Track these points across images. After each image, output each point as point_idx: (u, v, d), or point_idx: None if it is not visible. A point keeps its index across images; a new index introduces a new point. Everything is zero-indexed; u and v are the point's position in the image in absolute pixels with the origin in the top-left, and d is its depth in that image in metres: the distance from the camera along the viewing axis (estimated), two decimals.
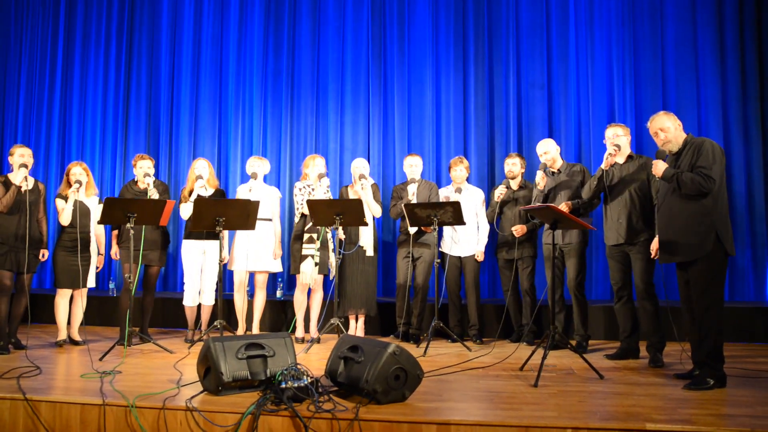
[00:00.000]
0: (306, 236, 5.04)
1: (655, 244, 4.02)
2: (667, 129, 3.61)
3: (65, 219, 4.71)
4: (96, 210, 4.87)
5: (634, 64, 6.20)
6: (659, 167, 3.58)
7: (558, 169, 4.78)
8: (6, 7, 7.44)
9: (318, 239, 4.98)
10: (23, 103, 7.37)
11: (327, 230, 5.09)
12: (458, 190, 5.15)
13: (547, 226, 4.67)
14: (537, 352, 3.93)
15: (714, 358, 3.41)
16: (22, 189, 4.48)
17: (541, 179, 4.69)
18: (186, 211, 4.99)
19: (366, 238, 5.11)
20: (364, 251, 5.11)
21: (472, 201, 5.21)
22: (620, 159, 4.31)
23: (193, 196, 4.96)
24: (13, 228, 4.49)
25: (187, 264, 5.07)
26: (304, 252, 5.02)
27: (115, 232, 5.07)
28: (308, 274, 5.00)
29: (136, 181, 5.03)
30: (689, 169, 3.48)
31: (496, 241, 5.26)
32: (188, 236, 5.07)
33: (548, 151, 4.76)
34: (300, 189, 5.15)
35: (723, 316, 3.46)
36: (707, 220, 3.42)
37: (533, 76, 6.42)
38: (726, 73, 6.04)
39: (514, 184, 5.12)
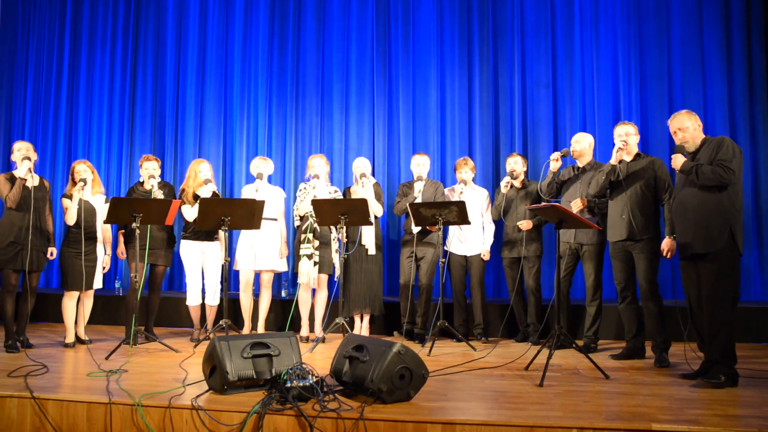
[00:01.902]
0: (303, 236, 5.06)
1: (666, 244, 4.00)
2: (686, 129, 3.64)
3: (71, 218, 4.71)
4: (102, 209, 4.89)
5: (640, 63, 6.17)
6: (678, 160, 3.62)
7: (583, 167, 4.75)
8: (13, 7, 7.48)
9: (308, 232, 4.96)
10: (30, 103, 7.40)
11: (331, 229, 5.11)
12: (463, 182, 5.13)
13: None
14: (542, 352, 3.93)
15: (726, 357, 3.40)
16: (28, 184, 4.48)
17: (554, 159, 4.69)
18: (191, 213, 4.99)
19: (368, 236, 5.11)
20: (367, 250, 5.11)
21: (477, 200, 5.21)
22: (628, 157, 4.30)
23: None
24: (24, 225, 4.49)
25: (186, 264, 5.09)
26: (300, 252, 5.04)
27: (122, 231, 5.08)
28: (305, 273, 5.01)
29: (142, 183, 5.05)
30: (708, 163, 3.50)
31: (501, 240, 5.26)
32: (185, 237, 5.09)
33: (579, 141, 4.74)
34: (300, 190, 5.18)
35: (735, 314, 3.46)
36: (723, 215, 3.43)
37: (538, 75, 6.40)
38: (732, 71, 6.01)
39: (517, 183, 5.11)
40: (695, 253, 3.53)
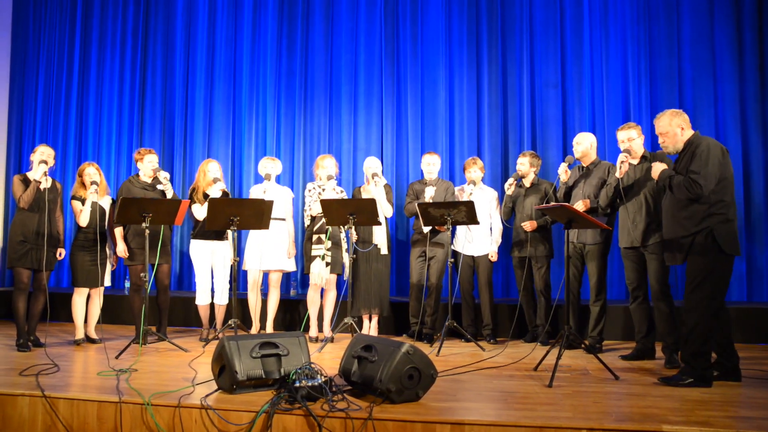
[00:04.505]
0: (314, 237, 5.06)
1: None
2: (665, 134, 3.59)
3: (84, 220, 4.76)
4: (109, 210, 4.94)
5: (650, 62, 6.13)
6: (656, 169, 3.62)
7: (587, 166, 4.73)
8: (24, 10, 7.54)
9: (326, 238, 4.99)
10: (41, 104, 7.46)
11: (341, 229, 5.11)
12: (472, 182, 5.12)
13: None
14: (551, 353, 3.91)
15: (697, 358, 3.38)
16: (41, 187, 4.53)
17: (563, 172, 4.68)
18: (201, 212, 5.01)
19: (380, 236, 5.12)
20: (378, 249, 5.12)
21: (486, 200, 5.19)
22: (634, 161, 4.27)
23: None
24: (34, 226, 4.55)
25: (196, 263, 5.11)
26: (313, 253, 5.05)
27: (120, 229, 4.94)
28: (317, 274, 5.02)
29: (138, 175, 5.05)
30: (685, 171, 3.46)
31: (510, 241, 5.24)
32: (195, 236, 5.11)
33: (580, 142, 4.72)
34: (309, 190, 5.19)
35: (710, 317, 3.38)
36: (703, 221, 3.39)
37: (547, 75, 6.37)
38: (744, 70, 5.95)
39: (527, 182, 5.10)
40: (672, 262, 3.56)
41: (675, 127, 3.55)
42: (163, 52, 7.24)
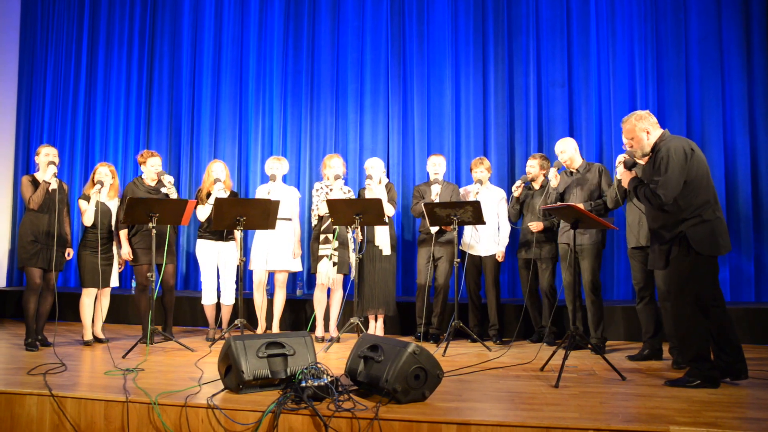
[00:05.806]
0: (322, 237, 5.07)
1: None
2: (631, 139, 3.55)
3: (88, 220, 4.78)
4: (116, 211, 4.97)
5: (657, 61, 6.09)
6: (624, 179, 3.61)
7: (576, 169, 4.73)
8: (32, 11, 7.59)
9: (334, 238, 5.00)
10: (49, 104, 7.50)
11: (348, 229, 5.11)
12: (479, 181, 5.11)
13: (562, 225, 4.65)
14: (557, 353, 3.90)
15: (698, 361, 3.36)
16: (50, 188, 4.57)
17: (553, 176, 4.69)
18: (203, 213, 5.03)
19: (382, 237, 5.10)
20: (380, 251, 5.10)
21: (494, 200, 5.18)
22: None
23: (211, 199, 4.99)
24: (43, 226, 4.59)
25: (202, 263, 5.13)
26: (320, 252, 5.05)
27: (125, 231, 4.91)
28: (324, 274, 5.03)
29: (142, 178, 5.06)
30: (650, 176, 3.46)
31: (517, 241, 5.23)
32: (201, 236, 5.12)
33: (564, 150, 4.72)
34: (317, 190, 5.19)
35: (700, 319, 3.35)
36: (670, 229, 3.39)
37: (554, 75, 6.35)
38: (752, 69, 5.90)
39: (536, 184, 5.09)
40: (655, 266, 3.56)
41: (640, 132, 3.50)
42: (170, 52, 7.26)
